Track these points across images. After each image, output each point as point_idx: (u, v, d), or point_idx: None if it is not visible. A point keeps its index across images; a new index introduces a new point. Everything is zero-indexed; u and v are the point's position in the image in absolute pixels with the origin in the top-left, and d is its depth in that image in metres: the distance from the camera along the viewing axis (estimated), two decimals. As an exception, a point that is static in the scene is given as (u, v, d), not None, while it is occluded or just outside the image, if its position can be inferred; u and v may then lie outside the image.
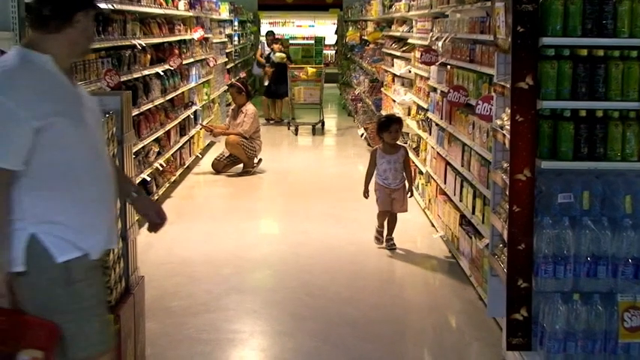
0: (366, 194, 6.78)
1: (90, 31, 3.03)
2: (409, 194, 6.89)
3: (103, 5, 6.15)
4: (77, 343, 2.94)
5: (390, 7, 11.64)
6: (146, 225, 3.46)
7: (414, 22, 9.29)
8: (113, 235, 3.16)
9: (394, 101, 10.27)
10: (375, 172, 6.77)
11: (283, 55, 15.59)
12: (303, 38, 23.89)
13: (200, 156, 11.01)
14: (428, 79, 7.81)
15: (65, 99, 2.93)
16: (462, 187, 6.11)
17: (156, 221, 3.39)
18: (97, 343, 3.01)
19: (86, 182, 2.95)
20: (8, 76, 2.81)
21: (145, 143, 7.59)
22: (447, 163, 6.70)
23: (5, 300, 2.84)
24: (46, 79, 2.88)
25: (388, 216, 6.72)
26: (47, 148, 2.83)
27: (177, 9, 9.84)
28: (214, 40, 13.08)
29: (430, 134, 7.62)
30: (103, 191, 3.05)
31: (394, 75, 10.61)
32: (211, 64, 12.05)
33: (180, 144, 9.52)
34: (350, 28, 19.46)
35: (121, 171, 3.73)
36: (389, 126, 6.75)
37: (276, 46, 15.61)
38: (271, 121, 15.18)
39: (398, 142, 6.92)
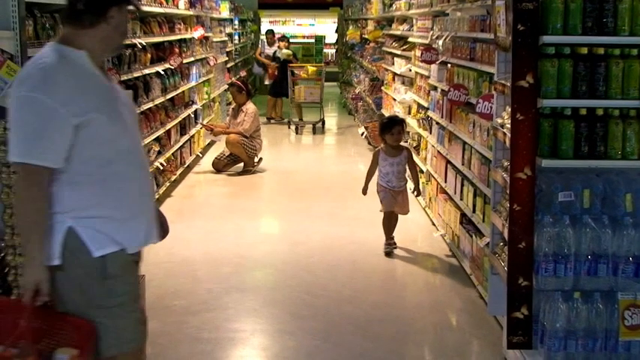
0: (364, 191, 6.74)
1: (123, 27, 3.03)
2: (415, 194, 6.91)
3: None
4: (109, 339, 2.94)
5: (391, 5, 11.64)
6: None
7: (414, 21, 9.28)
8: (152, 229, 3.13)
9: (394, 100, 10.27)
10: (378, 173, 6.70)
11: (290, 51, 15.57)
12: (304, 37, 23.88)
13: (200, 155, 11.01)
14: (428, 77, 7.81)
15: (102, 94, 2.93)
16: (462, 185, 6.11)
17: (159, 234, 3.35)
18: (129, 340, 3.00)
19: (124, 176, 2.94)
20: (47, 73, 2.79)
21: (146, 142, 7.59)
22: (448, 162, 6.70)
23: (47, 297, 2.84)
24: (83, 76, 2.87)
25: (392, 217, 6.66)
26: (86, 144, 2.82)
27: (178, 8, 9.84)
28: (215, 39, 13.08)
29: (431, 133, 7.62)
30: (141, 185, 3.04)
31: (394, 74, 10.61)
32: (212, 63, 12.05)
33: (180, 143, 9.52)
34: (350, 27, 19.45)
35: None
36: (391, 127, 6.66)
37: (282, 44, 15.57)
38: (272, 120, 15.13)
39: (401, 144, 6.84)
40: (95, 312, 2.90)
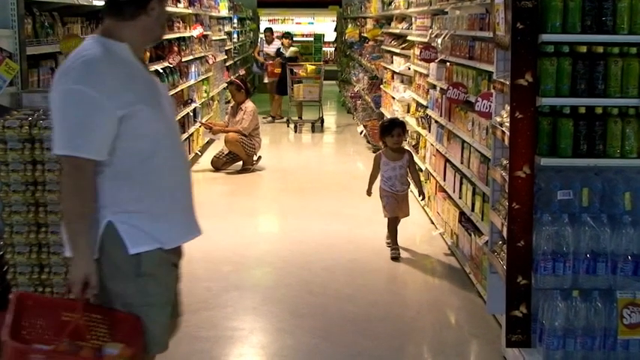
0: (369, 192, 6.63)
1: (163, 19, 3.03)
2: (421, 197, 6.85)
3: (101, 3, 6.14)
4: None
5: (390, 4, 11.64)
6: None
7: (413, 19, 9.28)
8: (192, 224, 3.10)
9: (393, 98, 10.27)
10: (380, 177, 6.56)
11: (296, 49, 15.55)
12: (303, 35, 23.86)
13: (199, 153, 11.01)
14: (427, 76, 7.80)
15: (145, 86, 2.93)
16: (461, 184, 6.11)
17: (199, 229, 3.33)
18: (154, 343, 2.97)
19: (165, 171, 2.93)
20: (90, 65, 2.78)
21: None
22: (447, 160, 6.70)
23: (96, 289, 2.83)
24: (126, 67, 2.87)
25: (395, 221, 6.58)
26: (128, 136, 2.81)
27: (177, 6, 9.83)
28: (213, 38, 13.07)
29: (429, 131, 7.62)
30: (181, 179, 3.03)
31: (393, 72, 10.61)
32: (210, 62, 12.04)
33: (179, 141, 9.49)
34: (349, 25, 19.44)
35: None
36: (391, 130, 6.52)
37: (285, 41, 15.54)
38: (275, 119, 15.00)
39: (402, 146, 6.73)
40: (127, 309, 2.89)
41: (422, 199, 6.84)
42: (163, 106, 2.99)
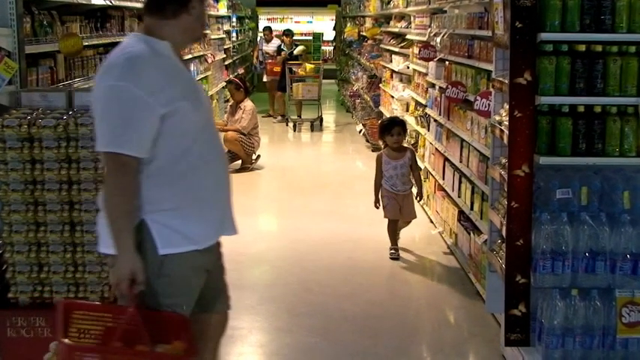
0: (376, 204, 6.49)
1: (203, 18, 3.05)
2: (418, 198, 6.72)
3: (100, 1, 6.14)
4: None
5: (389, 2, 11.63)
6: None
7: (412, 18, 9.28)
8: (227, 221, 3.11)
9: (392, 97, 10.27)
10: (382, 177, 6.49)
11: (304, 47, 15.54)
12: (302, 34, 23.84)
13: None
14: (426, 74, 7.80)
15: (186, 84, 2.95)
16: (460, 183, 6.11)
17: (235, 227, 3.30)
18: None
19: (201, 168, 2.93)
20: (134, 62, 2.79)
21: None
22: (446, 159, 6.70)
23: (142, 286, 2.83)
24: (168, 65, 2.88)
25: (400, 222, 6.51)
26: (169, 134, 2.82)
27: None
28: (212, 36, 13.07)
29: (428, 130, 7.62)
30: (218, 176, 3.03)
31: (392, 71, 10.61)
32: (209, 61, 12.04)
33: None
34: (348, 24, 19.42)
35: None
36: (390, 129, 6.45)
37: (286, 39, 15.51)
38: (284, 116, 14.75)
39: (403, 145, 6.66)
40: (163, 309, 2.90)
41: (419, 200, 6.78)
42: (202, 103, 3.01)
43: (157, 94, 2.76)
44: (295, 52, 15.12)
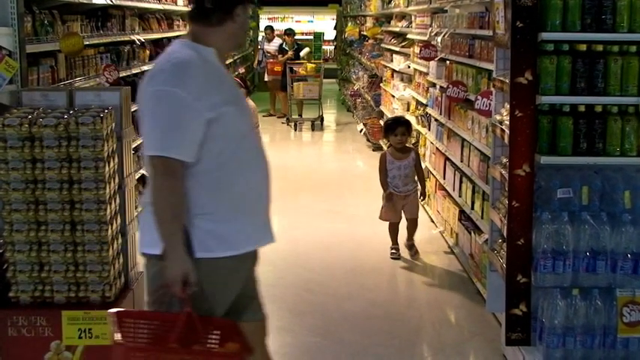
0: (387, 191, 6.35)
1: (246, 25, 3.10)
2: (422, 198, 6.64)
3: (101, 1, 6.15)
4: None
5: (389, 2, 11.63)
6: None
7: (413, 18, 9.28)
8: (267, 230, 3.10)
9: (393, 97, 10.27)
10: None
11: (309, 49, 15.55)
12: (302, 34, 23.84)
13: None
14: (427, 74, 7.80)
15: (231, 89, 2.99)
16: (461, 182, 6.11)
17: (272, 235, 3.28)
18: None
19: (243, 173, 2.95)
20: (180, 68, 2.82)
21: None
22: (446, 159, 6.70)
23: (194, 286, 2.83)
24: (214, 71, 2.92)
25: (408, 223, 6.41)
26: (214, 139, 2.84)
27: (176, 4, 9.82)
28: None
29: (429, 130, 7.62)
30: (259, 183, 3.04)
31: (393, 70, 10.61)
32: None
33: (179, 140, 9.48)
34: (349, 24, 19.43)
35: None
36: (394, 129, 6.41)
37: (288, 38, 15.51)
38: (286, 116, 14.67)
39: (407, 145, 6.58)
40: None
41: (422, 200, 6.76)
42: (245, 109, 3.05)
43: (203, 99, 2.79)
44: (302, 53, 15.11)
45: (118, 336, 2.77)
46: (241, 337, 2.89)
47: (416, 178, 6.45)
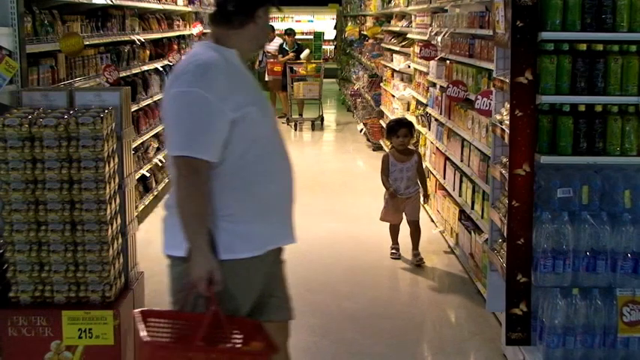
0: (390, 189, 6.29)
1: (267, 27, 3.13)
2: (424, 200, 6.57)
3: (101, 1, 6.15)
4: None
5: (389, 1, 11.63)
6: (145, 221, 3.45)
7: (413, 17, 9.28)
8: (289, 231, 3.13)
9: (393, 96, 10.27)
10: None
11: (309, 50, 15.57)
12: (302, 33, 23.85)
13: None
14: (427, 74, 7.80)
15: (254, 90, 3.01)
16: (461, 182, 6.11)
17: (294, 235, 3.30)
18: None
19: (269, 176, 2.97)
20: (204, 69, 2.84)
21: (144, 139, 7.58)
22: (447, 158, 6.70)
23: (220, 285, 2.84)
24: (236, 72, 2.94)
25: (410, 228, 6.34)
26: (238, 140, 2.86)
27: (176, 4, 9.83)
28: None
29: (429, 129, 7.62)
30: (283, 184, 3.06)
31: (393, 70, 10.61)
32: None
33: (179, 139, 9.48)
34: (349, 23, 19.43)
35: None
36: (396, 130, 6.33)
37: (288, 38, 15.50)
38: (286, 116, 14.62)
39: (410, 147, 6.51)
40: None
41: (425, 202, 6.72)
42: (268, 110, 3.07)
43: (226, 100, 2.81)
44: (302, 56, 15.10)
45: (144, 334, 2.78)
46: (265, 336, 2.90)
47: (418, 180, 6.40)
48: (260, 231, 2.96)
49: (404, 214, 6.39)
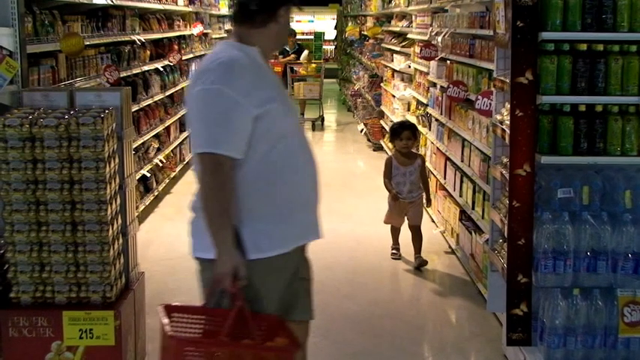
0: (393, 192, 6.24)
1: (289, 26, 3.14)
2: (426, 204, 6.53)
3: (102, 1, 6.15)
4: None
5: (390, 2, 11.63)
6: (146, 221, 3.45)
7: (413, 17, 9.28)
8: (315, 228, 3.13)
9: (394, 96, 10.27)
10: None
11: (307, 51, 15.58)
12: (303, 33, 23.85)
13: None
14: (427, 74, 7.80)
15: (276, 87, 3.04)
16: (461, 182, 6.11)
17: (320, 232, 3.29)
18: None
19: (293, 173, 2.98)
20: (226, 67, 2.86)
21: (145, 139, 7.59)
22: (447, 159, 6.70)
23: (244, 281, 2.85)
24: (259, 69, 2.96)
25: (412, 233, 6.29)
26: (261, 137, 2.87)
27: (177, 4, 9.83)
28: (214, 36, 13.06)
29: (430, 129, 7.62)
30: (307, 180, 3.07)
31: (394, 70, 10.61)
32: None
33: (179, 140, 9.51)
34: (349, 23, 19.43)
35: None
36: (399, 133, 6.27)
37: (288, 39, 15.48)
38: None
39: (413, 151, 6.47)
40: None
41: (427, 206, 6.70)
42: (291, 108, 3.09)
43: (250, 96, 2.83)
44: (302, 58, 15.10)
45: (168, 329, 2.79)
46: (289, 331, 2.91)
47: (421, 185, 6.33)
48: (286, 229, 2.98)
49: (406, 218, 6.34)
